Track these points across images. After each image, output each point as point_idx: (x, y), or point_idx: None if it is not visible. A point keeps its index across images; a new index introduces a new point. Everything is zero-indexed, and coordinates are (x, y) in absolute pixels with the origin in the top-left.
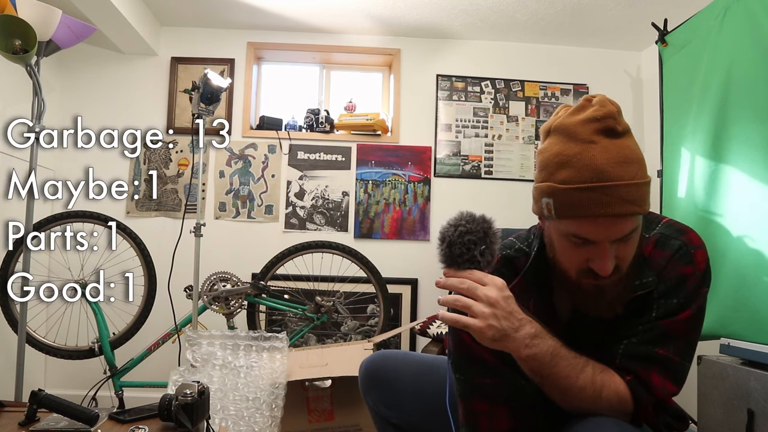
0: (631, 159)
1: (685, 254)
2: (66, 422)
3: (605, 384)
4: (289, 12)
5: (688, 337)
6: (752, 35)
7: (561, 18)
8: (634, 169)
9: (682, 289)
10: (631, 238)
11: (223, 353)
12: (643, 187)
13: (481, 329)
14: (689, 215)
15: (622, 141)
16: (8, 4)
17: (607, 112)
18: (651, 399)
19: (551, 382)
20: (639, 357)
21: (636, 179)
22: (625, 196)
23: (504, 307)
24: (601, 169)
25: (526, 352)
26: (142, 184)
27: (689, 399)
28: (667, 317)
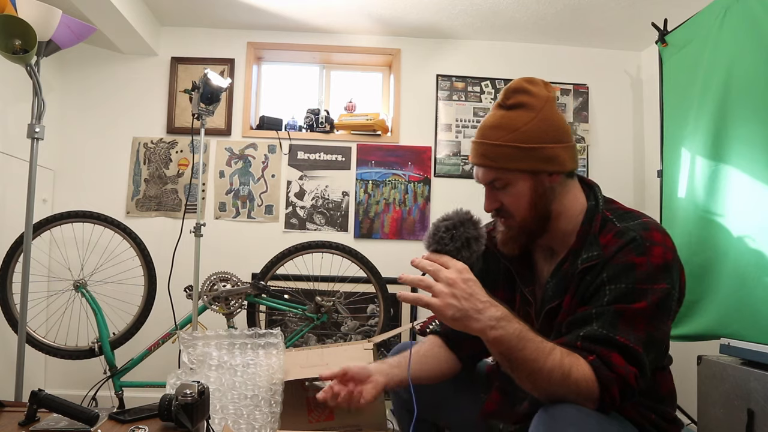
0: (501, 125)
1: (638, 246)
2: (66, 422)
3: (573, 366)
4: (289, 12)
5: (648, 330)
6: (752, 35)
7: (561, 18)
8: (500, 133)
9: (631, 276)
10: (506, 189)
11: (219, 353)
12: (500, 149)
13: (440, 307)
14: (689, 215)
15: (504, 112)
16: (8, 4)
17: (506, 89)
18: (613, 378)
19: (520, 365)
20: (600, 339)
21: (491, 140)
22: (483, 152)
23: (463, 288)
24: (480, 130)
25: (493, 333)
26: (142, 184)
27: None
28: (619, 302)
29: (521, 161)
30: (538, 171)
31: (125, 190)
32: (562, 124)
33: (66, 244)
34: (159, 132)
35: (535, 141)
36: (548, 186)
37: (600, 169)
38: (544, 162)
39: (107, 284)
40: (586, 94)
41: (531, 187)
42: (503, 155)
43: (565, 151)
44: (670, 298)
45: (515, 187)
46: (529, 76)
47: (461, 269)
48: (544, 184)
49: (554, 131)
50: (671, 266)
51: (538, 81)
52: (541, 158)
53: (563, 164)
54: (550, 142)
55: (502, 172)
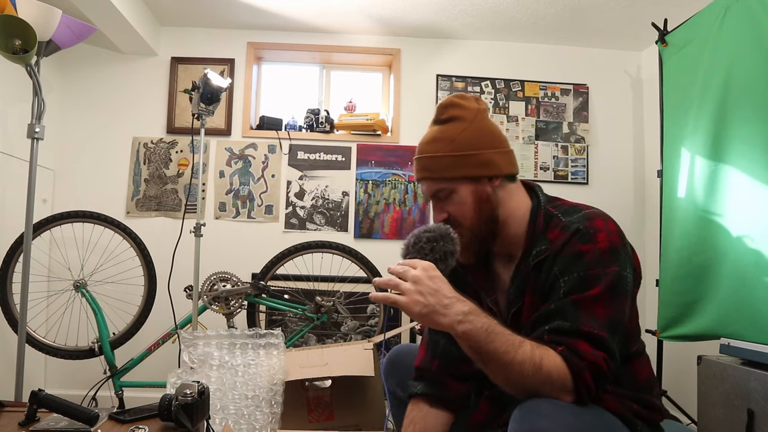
0: (437, 139)
1: (583, 235)
2: (66, 422)
3: (543, 357)
4: (289, 12)
5: (609, 313)
6: (752, 35)
7: (561, 18)
8: (436, 146)
9: (580, 264)
10: (450, 198)
11: (220, 353)
12: (438, 160)
13: (406, 303)
14: (689, 215)
15: (439, 126)
16: (8, 4)
17: (439, 106)
18: (584, 365)
19: (491, 359)
20: (565, 331)
21: (429, 154)
22: (423, 165)
23: (429, 284)
24: (419, 146)
25: (461, 327)
26: (142, 184)
27: (689, 399)
28: (575, 293)
29: (459, 168)
30: (477, 176)
31: (125, 190)
32: (496, 131)
33: (66, 244)
34: (159, 132)
35: (470, 148)
36: (490, 191)
37: (600, 169)
38: (481, 167)
39: (107, 284)
40: (586, 94)
41: (473, 192)
42: (442, 165)
43: (501, 156)
44: (624, 279)
45: (458, 195)
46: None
47: (427, 267)
48: (486, 189)
49: (488, 138)
50: (617, 249)
51: (468, 96)
52: (478, 163)
53: (500, 168)
54: (485, 148)
55: (443, 181)
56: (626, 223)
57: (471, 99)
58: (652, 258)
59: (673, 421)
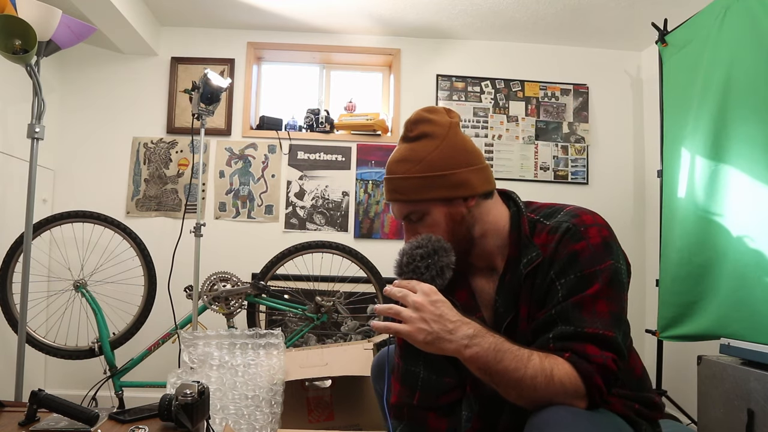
0: (407, 158)
1: (574, 233)
2: (66, 422)
3: (554, 366)
4: (289, 12)
5: (612, 311)
6: (752, 35)
7: (561, 18)
8: (406, 166)
9: (577, 264)
10: (422, 220)
11: (220, 353)
12: (408, 181)
13: (410, 332)
14: (689, 215)
15: (408, 144)
16: (8, 4)
17: (407, 122)
18: (593, 368)
19: (502, 378)
20: (569, 336)
21: (399, 174)
22: (393, 187)
23: (432, 310)
24: (388, 165)
25: (468, 352)
26: (142, 184)
27: (689, 399)
28: (574, 294)
29: (431, 191)
30: (450, 198)
31: (125, 190)
32: (470, 147)
33: (66, 244)
34: (159, 132)
35: (442, 168)
36: (465, 211)
37: (600, 169)
38: (454, 188)
39: (107, 284)
40: (586, 94)
41: (446, 214)
42: (412, 187)
43: (475, 174)
44: (619, 272)
45: (431, 217)
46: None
47: (428, 291)
48: (461, 210)
49: (461, 156)
50: (610, 242)
51: (439, 109)
52: (451, 185)
53: (475, 188)
54: (459, 167)
55: (414, 204)
56: (626, 223)
57: (442, 112)
58: (652, 258)
59: (673, 421)
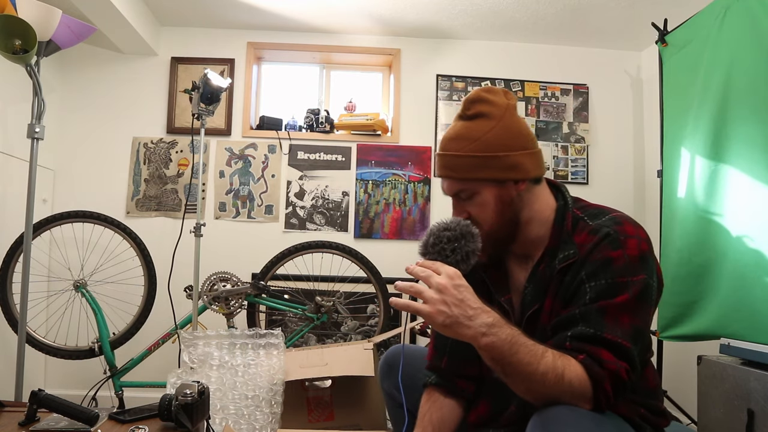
0: (462, 136)
1: (613, 240)
2: (66, 422)
3: (566, 367)
4: (289, 12)
5: (634, 323)
6: (752, 35)
7: (561, 18)
8: (461, 144)
9: (609, 271)
10: (472, 199)
11: (220, 353)
12: (462, 159)
13: (430, 314)
14: (689, 215)
15: (464, 123)
16: (8, 4)
17: (465, 100)
18: (605, 374)
19: (513, 370)
20: (588, 338)
21: (453, 152)
22: (446, 164)
23: (454, 294)
24: (442, 142)
25: (484, 340)
26: (142, 184)
27: (689, 399)
28: (601, 299)
29: (483, 170)
30: (502, 179)
31: (125, 190)
32: (525, 131)
33: (66, 244)
34: (159, 132)
35: (496, 149)
36: (515, 194)
37: (600, 169)
38: (507, 170)
39: (107, 284)
40: (586, 94)
41: (497, 195)
42: (465, 166)
43: (529, 158)
44: (650, 288)
45: (481, 197)
46: (528, 76)
47: (453, 275)
48: (511, 192)
49: (516, 138)
50: (647, 257)
51: (497, 90)
52: (505, 166)
53: (528, 171)
54: (513, 149)
55: (466, 182)
56: None
57: (500, 93)
58: None
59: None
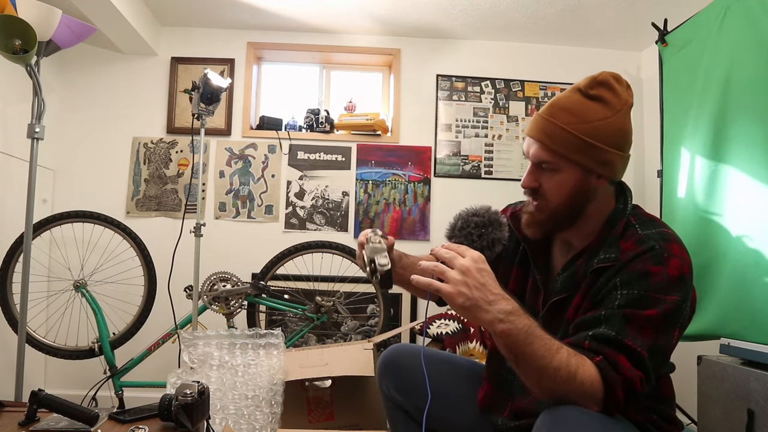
0: (575, 112)
1: (656, 255)
2: (66, 422)
3: (579, 366)
4: (289, 12)
5: (656, 338)
6: (752, 35)
7: (561, 18)
8: (571, 119)
9: (644, 283)
10: (552, 173)
11: (220, 353)
12: (565, 133)
13: (450, 294)
14: (689, 215)
15: (583, 99)
16: (8, 4)
17: (592, 78)
18: (619, 379)
19: (526, 361)
20: (608, 341)
21: (559, 122)
22: (546, 129)
23: (476, 277)
24: (550, 107)
25: (501, 327)
26: (142, 184)
27: (689, 399)
28: (630, 307)
29: (579, 154)
30: (590, 169)
31: (125, 190)
32: (630, 134)
33: (66, 244)
34: (159, 132)
35: (600, 140)
36: (592, 187)
37: None
38: (599, 164)
39: (107, 284)
40: None
41: (577, 181)
42: (565, 141)
43: (620, 160)
44: (681, 311)
45: (562, 176)
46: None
47: (477, 258)
48: (590, 183)
49: (621, 138)
50: (686, 280)
51: (624, 82)
52: (600, 159)
53: (615, 172)
54: (614, 147)
55: (556, 156)
56: None
57: (625, 86)
58: None
59: None
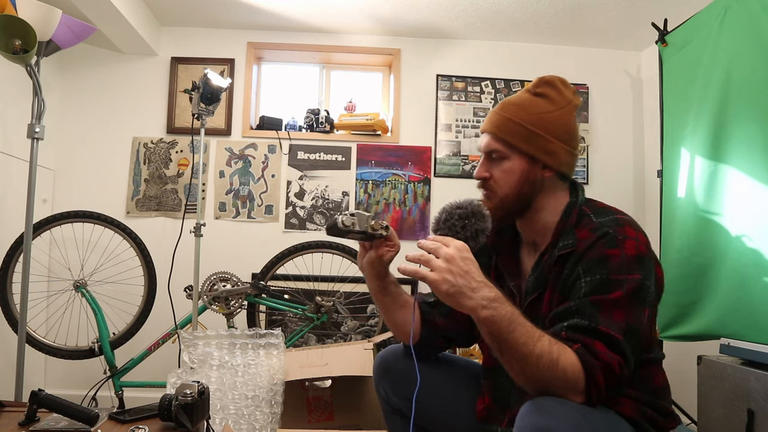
0: (523, 106)
1: (611, 239)
2: (66, 422)
3: (561, 353)
4: (289, 12)
5: (627, 320)
6: (752, 35)
7: (561, 18)
8: (518, 111)
9: (605, 267)
10: (500, 162)
11: (220, 353)
12: (512, 123)
13: (435, 281)
14: (689, 215)
15: (529, 96)
16: (8, 4)
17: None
18: (598, 365)
19: (509, 348)
20: (583, 329)
21: (507, 114)
22: (495, 121)
23: (460, 265)
24: (502, 103)
25: (484, 313)
26: (142, 184)
27: (689, 399)
28: (595, 294)
29: (524, 142)
30: (534, 158)
31: (125, 190)
32: (574, 131)
33: (66, 244)
34: (159, 132)
35: (543, 130)
36: (538, 177)
37: (600, 169)
38: (543, 152)
39: (107, 284)
40: (586, 94)
41: (523, 169)
42: (511, 130)
43: (565, 154)
44: (645, 288)
45: (509, 163)
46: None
47: (460, 247)
48: (536, 173)
49: (564, 131)
50: (644, 258)
51: (569, 85)
52: (542, 148)
53: (559, 164)
54: (556, 138)
55: (504, 145)
56: None
57: (570, 90)
58: None
59: None
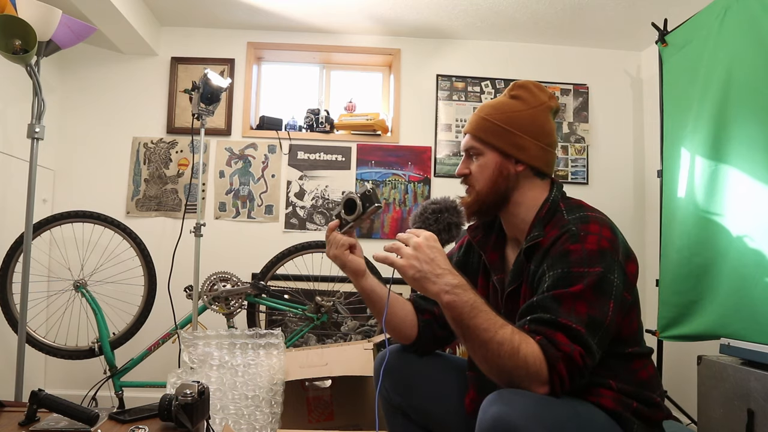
0: (496, 107)
1: (573, 235)
2: (66, 422)
3: (522, 342)
4: (289, 12)
5: (590, 312)
6: (752, 35)
7: (561, 18)
8: (491, 112)
9: (566, 261)
10: (477, 159)
11: (220, 353)
12: (486, 122)
13: (402, 266)
14: (689, 215)
15: (504, 99)
16: (8, 4)
17: (514, 83)
18: (559, 356)
19: (471, 334)
20: (544, 322)
21: (483, 114)
22: (472, 122)
23: (427, 252)
24: (481, 106)
25: (447, 298)
26: (142, 184)
27: (689, 399)
28: (557, 288)
29: (496, 138)
30: (506, 153)
31: (125, 190)
32: (547, 128)
33: (66, 244)
34: (159, 132)
35: (514, 127)
36: (513, 172)
37: (600, 169)
38: (514, 148)
39: (107, 284)
40: (586, 94)
41: (497, 164)
42: (484, 128)
43: (537, 149)
44: (606, 281)
45: (484, 159)
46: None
47: (428, 237)
48: (509, 168)
49: (536, 128)
50: (605, 252)
51: (544, 89)
52: (513, 144)
53: (530, 158)
54: (526, 134)
55: (479, 142)
56: (626, 223)
57: (545, 93)
58: (652, 258)
59: (673, 421)
